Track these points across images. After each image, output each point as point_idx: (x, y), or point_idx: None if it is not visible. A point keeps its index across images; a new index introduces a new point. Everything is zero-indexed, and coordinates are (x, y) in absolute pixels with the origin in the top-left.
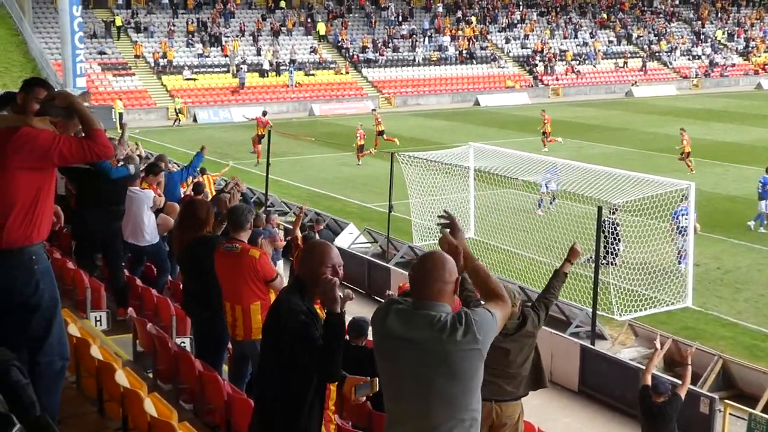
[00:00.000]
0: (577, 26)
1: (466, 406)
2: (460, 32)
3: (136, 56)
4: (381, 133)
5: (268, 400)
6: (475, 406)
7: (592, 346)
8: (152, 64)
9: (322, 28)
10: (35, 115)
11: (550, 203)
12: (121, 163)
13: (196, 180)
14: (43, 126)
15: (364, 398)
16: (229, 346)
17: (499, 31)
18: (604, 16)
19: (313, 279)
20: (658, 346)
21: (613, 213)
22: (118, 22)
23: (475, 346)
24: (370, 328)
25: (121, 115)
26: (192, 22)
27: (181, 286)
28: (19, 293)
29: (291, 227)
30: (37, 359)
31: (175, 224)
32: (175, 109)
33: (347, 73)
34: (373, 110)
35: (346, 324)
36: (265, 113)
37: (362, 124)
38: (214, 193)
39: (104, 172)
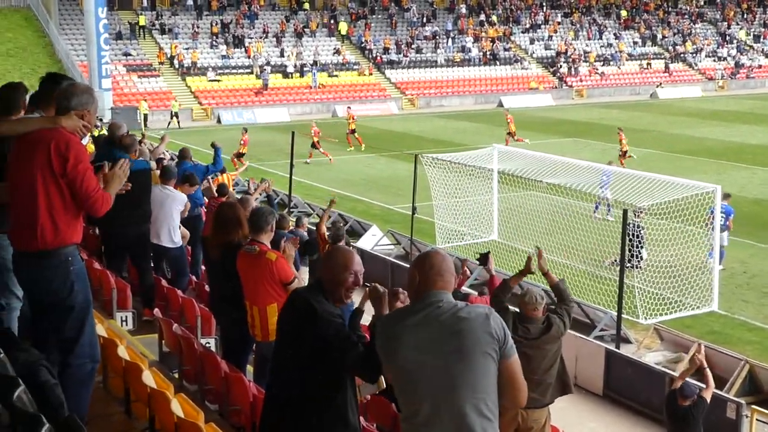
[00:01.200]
0: (601, 27)
1: (485, 389)
2: (483, 33)
3: (162, 62)
4: (353, 131)
5: (294, 404)
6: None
7: (617, 350)
8: (177, 66)
9: (344, 27)
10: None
11: (608, 211)
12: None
13: (219, 182)
14: (71, 124)
15: (369, 397)
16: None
17: (522, 32)
18: (624, 12)
19: (335, 283)
20: (702, 357)
21: (638, 216)
22: (142, 22)
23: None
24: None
25: (146, 116)
26: (216, 24)
27: (207, 287)
28: (54, 294)
29: (316, 229)
30: (68, 361)
31: (208, 227)
32: (172, 112)
33: (370, 74)
34: (348, 108)
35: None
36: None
37: (316, 121)
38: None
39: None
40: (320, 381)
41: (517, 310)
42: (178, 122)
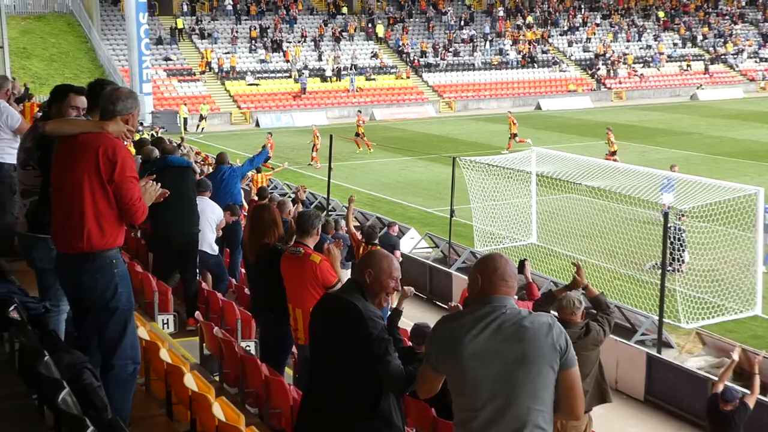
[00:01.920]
0: (640, 29)
1: (544, 401)
2: (521, 36)
3: (203, 71)
4: (360, 134)
5: (340, 410)
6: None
7: (658, 355)
8: (216, 70)
9: (381, 30)
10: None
11: (678, 219)
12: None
13: (259, 186)
14: (116, 128)
15: None
16: (294, 350)
17: (560, 35)
18: (661, 13)
19: (377, 287)
20: (735, 357)
21: (680, 219)
22: (180, 24)
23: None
24: (438, 345)
25: (185, 120)
26: (254, 28)
27: (247, 290)
28: (98, 296)
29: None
30: (110, 362)
31: (246, 230)
32: (201, 116)
33: (408, 77)
34: (359, 111)
35: (409, 330)
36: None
37: (316, 124)
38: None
39: (163, 162)
40: (366, 385)
41: (556, 314)
42: (197, 126)
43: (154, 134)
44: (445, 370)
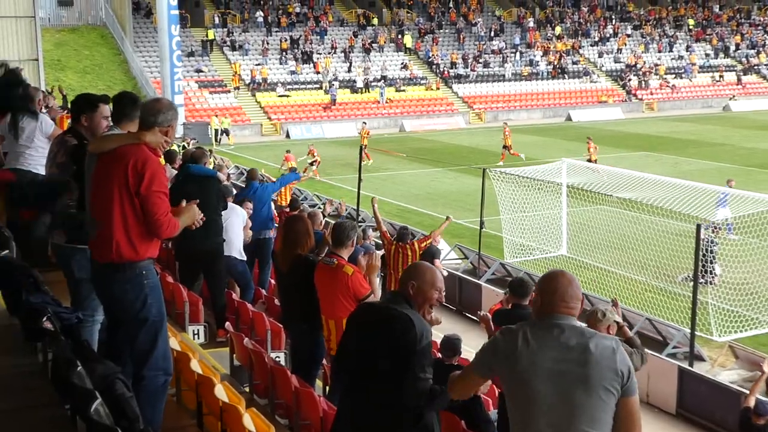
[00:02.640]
0: (672, 39)
1: (602, 425)
2: (551, 47)
3: (237, 86)
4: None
5: (383, 423)
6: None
7: (690, 368)
8: (247, 81)
9: (409, 40)
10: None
11: (712, 232)
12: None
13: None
14: (154, 139)
15: None
16: (324, 362)
17: (591, 45)
18: (691, 21)
19: (421, 299)
20: (767, 370)
21: (714, 232)
22: (210, 35)
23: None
24: (499, 357)
25: (216, 131)
26: (285, 40)
27: (277, 301)
28: (128, 306)
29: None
30: (141, 373)
31: (278, 241)
32: (220, 129)
33: (438, 88)
34: (364, 123)
35: (439, 342)
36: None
37: (313, 144)
38: (288, 200)
39: (184, 170)
40: (412, 398)
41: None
42: (219, 140)
43: (185, 145)
44: (503, 381)
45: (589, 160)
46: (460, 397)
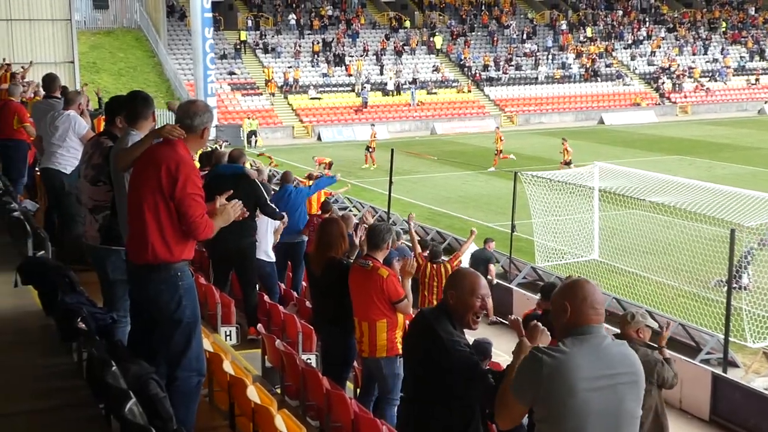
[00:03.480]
0: (706, 42)
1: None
2: (584, 49)
3: (271, 92)
4: (368, 148)
5: (426, 425)
6: None
7: (724, 374)
8: (279, 84)
9: (438, 41)
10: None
11: (758, 244)
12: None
13: (323, 200)
14: (170, 130)
15: None
16: (355, 364)
17: (624, 48)
18: (723, 23)
19: (462, 308)
20: None
21: (761, 246)
22: (243, 37)
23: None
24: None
25: (249, 133)
26: (317, 43)
27: (308, 303)
28: (163, 307)
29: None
30: (175, 374)
31: (312, 244)
32: (251, 132)
33: (469, 91)
34: (372, 125)
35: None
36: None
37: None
38: (317, 208)
39: (215, 171)
40: (455, 410)
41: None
42: (252, 142)
43: (218, 147)
44: (545, 400)
45: (568, 163)
46: (512, 425)
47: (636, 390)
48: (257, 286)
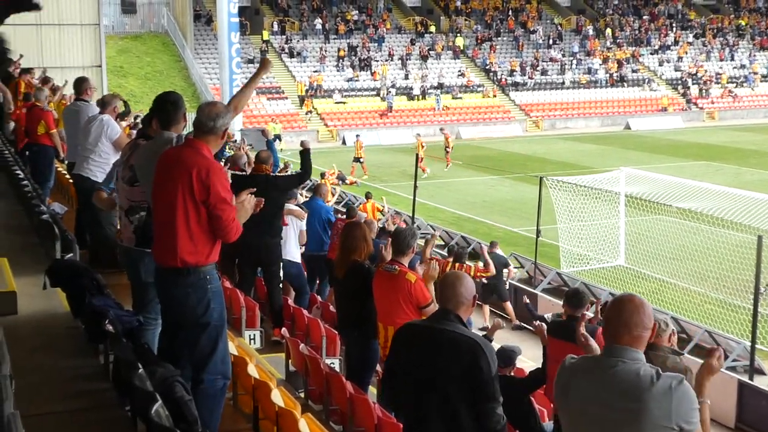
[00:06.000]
0: (733, 48)
1: None
2: (610, 55)
3: (302, 96)
4: (357, 159)
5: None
6: None
7: (750, 382)
8: (305, 88)
9: (460, 41)
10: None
11: None
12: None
13: (349, 206)
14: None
15: None
16: (378, 368)
17: (651, 54)
18: (743, 21)
19: (466, 309)
20: None
21: None
22: (265, 36)
23: (668, 424)
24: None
25: (276, 137)
26: (343, 48)
27: (332, 307)
28: (191, 311)
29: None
30: (201, 377)
31: (335, 248)
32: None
33: (495, 96)
34: (357, 136)
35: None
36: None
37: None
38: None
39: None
40: (473, 419)
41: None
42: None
43: (241, 150)
44: (559, 411)
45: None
46: None
47: (635, 426)
48: (289, 288)
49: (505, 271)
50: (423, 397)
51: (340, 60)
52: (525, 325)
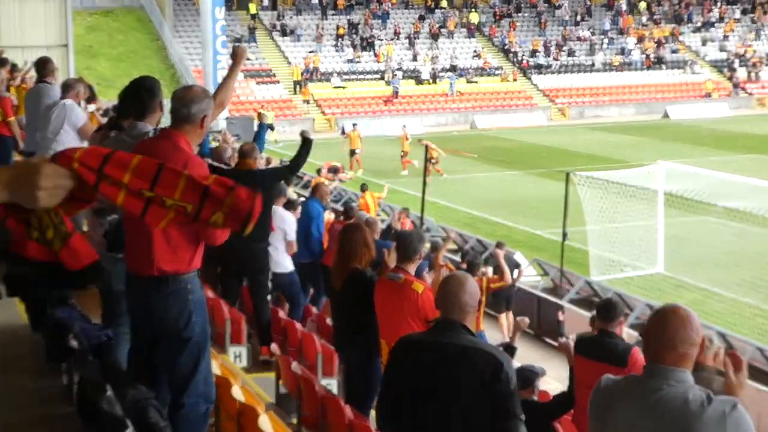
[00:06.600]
0: None
1: None
2: (646, 33)
3: (300, 86)
4: (352, 152)
5: None
6: None
7: None
8: (300, 71)
9: (474, 17)
10: None
11: None
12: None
13: (348, 204)
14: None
15: None
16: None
17: (693, 32)
18: None
19: (473, 314)
20: None
21: None
22: (252, 10)
23: None
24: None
25: (268, 126)
26: (342, 25)
27: (329, 320)
28: (169, 325)
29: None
30: (180, 400)
31: (332, 254)
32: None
33: (515, 80)
34: (354, 125)
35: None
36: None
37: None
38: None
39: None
40: None
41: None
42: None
43: (227, 142)
44: None
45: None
46: None
47: None
48: (282, 300)
49: (515, 271)
50: (430, 421)
51: (339, 39)
52: (549, 340)
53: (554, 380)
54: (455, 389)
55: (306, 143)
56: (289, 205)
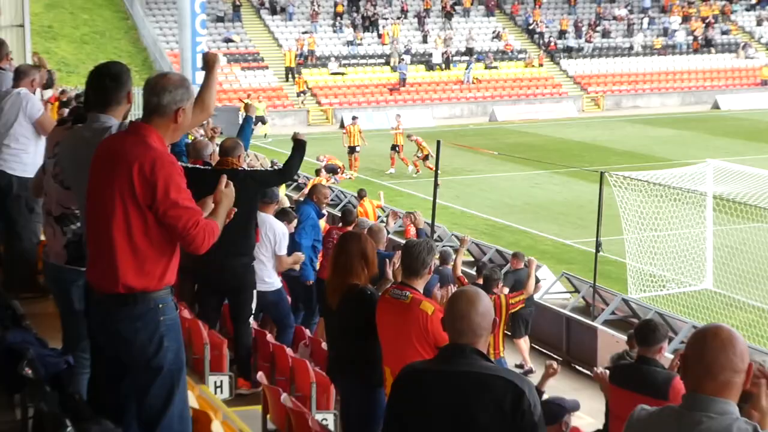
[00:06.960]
0: None
1: None
2: (693, 11)
3: (301, 89)
4: (352, 149)
5: None
6: None
7: None
8: (294, 56)
9: None
10: None
11: None
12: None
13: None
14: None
15: None
16: None
17: (746, 10)
18: None
19: (486, 337)
20: None
21: None
22: None
23: None
24: None
25: (258, 119)
26: (341, 1)
27: (324, 345)
28: (139, 351)
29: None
30: None
31: (327, 267)
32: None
33: (541, 65)
34: (354, 118)
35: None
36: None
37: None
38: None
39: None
40: None
41: None
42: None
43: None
44: None
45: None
46: None
47: None
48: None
49: (538, 285)
50: None
51: (338, 18)
52: (580, 368)
53: (587, 415)
54: (470, 424)
55: (299, 147)
56: (283, 215)
